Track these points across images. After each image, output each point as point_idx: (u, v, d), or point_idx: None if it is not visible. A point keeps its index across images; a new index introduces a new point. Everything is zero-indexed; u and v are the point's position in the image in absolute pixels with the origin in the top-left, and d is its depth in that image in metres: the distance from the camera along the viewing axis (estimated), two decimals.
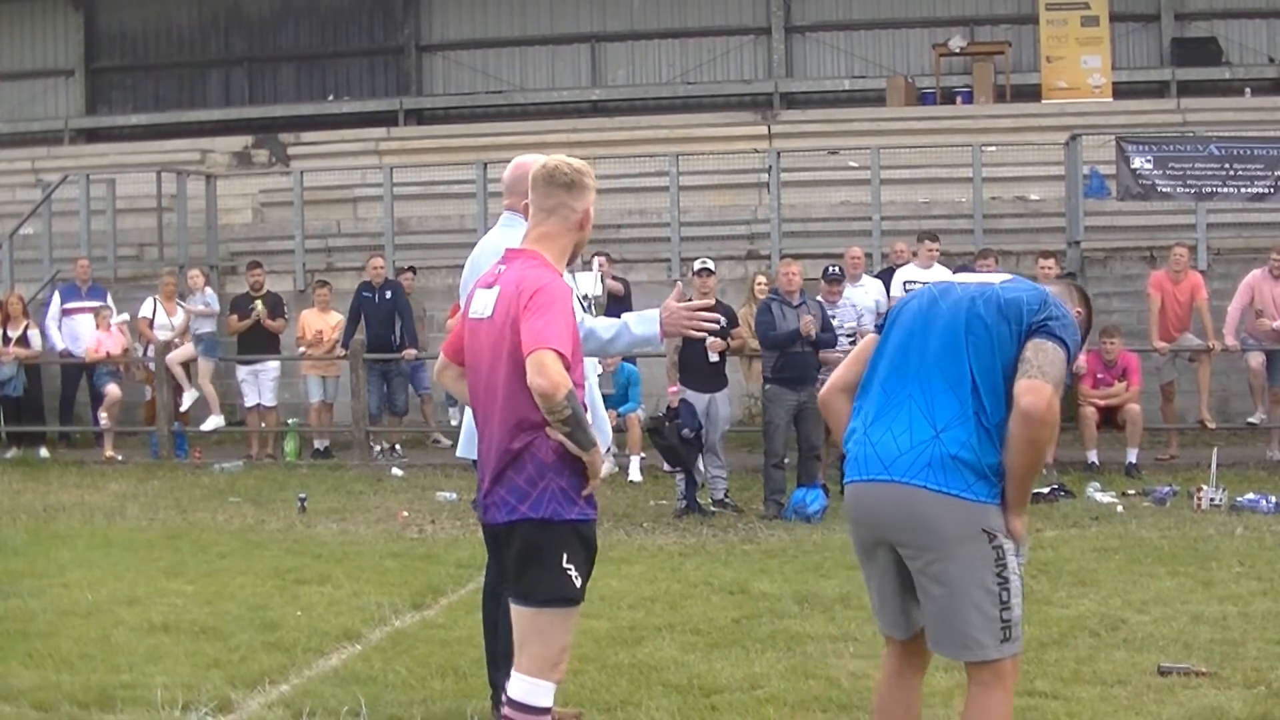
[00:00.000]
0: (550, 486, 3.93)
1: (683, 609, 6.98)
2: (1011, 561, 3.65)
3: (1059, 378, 3.63)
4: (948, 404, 3.64)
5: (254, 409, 14.24)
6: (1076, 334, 3.75)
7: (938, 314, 3.79)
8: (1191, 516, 9.67)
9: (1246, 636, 6.18)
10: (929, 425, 3.64)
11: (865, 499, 3.75)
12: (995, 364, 3.66)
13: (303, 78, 24.24)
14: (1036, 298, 3.73)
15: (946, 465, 3.59)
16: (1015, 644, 3.68)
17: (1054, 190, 15.90)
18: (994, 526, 3.62)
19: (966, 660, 3.71)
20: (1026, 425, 3.56)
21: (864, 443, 3.76)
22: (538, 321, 3.85)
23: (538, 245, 4.11)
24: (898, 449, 3.65)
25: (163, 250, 17.07)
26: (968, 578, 3.60)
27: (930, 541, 3.62)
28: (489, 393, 4.05)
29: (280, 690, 5.60)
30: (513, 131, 19.71)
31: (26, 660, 6.02)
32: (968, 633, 3.62)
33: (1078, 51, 20.63)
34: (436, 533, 9.67)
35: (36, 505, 10.99)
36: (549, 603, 3.96)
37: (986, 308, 3.72)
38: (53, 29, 24.76)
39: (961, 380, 3.65)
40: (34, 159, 21.29)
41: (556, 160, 4.19)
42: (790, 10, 22.72)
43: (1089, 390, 11.95)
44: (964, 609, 3.61)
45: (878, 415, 3.77)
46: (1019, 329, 3.67)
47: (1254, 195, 14.11)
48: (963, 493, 3.58)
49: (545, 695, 3.95)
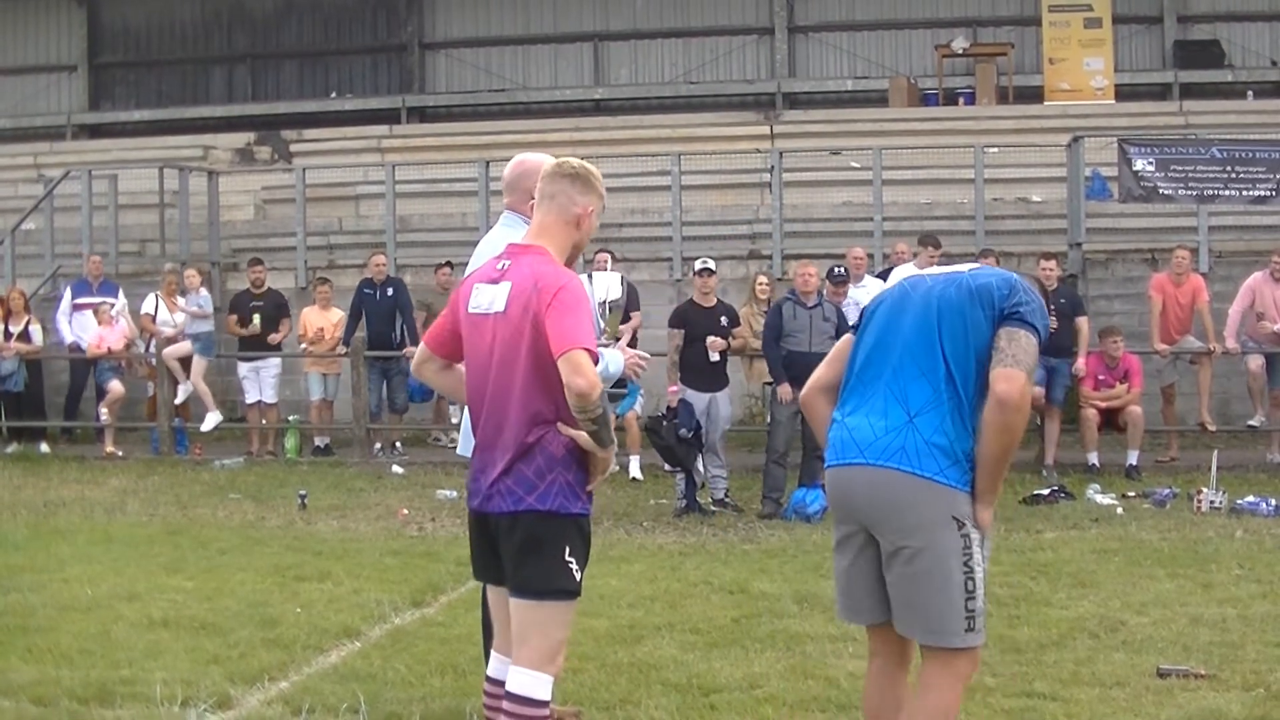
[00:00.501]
0: (558, 480, 3.96)
1: (682, 608, 6.99)
2: (977, 552, 3.70)
3: (1032, 365, 3.70)
4: (921, 390, 3.71)
5: (255, 406, 14.24)
6: (1045, 318, 3.80)
7: (910, 304, 3.86)
8: (1191, 519, 9.68)
9: (1246, 639, 6.18)
10: (903, 410, 3.71)
11: (842, 482, 3.84)
12: (969, 350, 3.72)
13: (305, 75, 24.24)
14: (1005, 283, 3.79)
15: (920, 449, 3.66)
16: (979, 635, 3.74)
17: (1056, 192, 15.90)
18: (963, 514, 3.69)
19: (930, 644, 3.75)
20: (1002, 411, 3.62)
21: (841, 428, 3.85)
22: (568, 320, 3.85)
23: (540, 239, 4.10)
24: (873, 433, 3.73)
25: (165, 246, 17.07)
26: (936, 563, 3.65)
27: (903, 524, 3.68)
28: (500, 387, 4.02)
29: (280, 687, 5.61)
30: (515, 130, 19.73)
31: (26, 655, 6.02)
32: (933, 617, 3.68)
33: (1080, 53, 20.63)
34: (437, 530, 9.68)
35: (37, 500, 10.99)
36: (550, 594, 3.98)
37: (959, 294, 3.78)
38: (56, 24, 24.76)
39: (935, 367, 3.72)
40: (36, 154, 21.30)
41: (571, 159, 4.23)
42: (793, 10, 22.71)
43: (1090, 392, 11.95)
44: (931, 594, 3.66)
45: (855, 403, 3.85)
46: (991, 314, 3.74)
47: (1256, 198, 14.11)
48: (935, 476, 3.65)
49: (544, 688, 3.97)
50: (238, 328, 14.28)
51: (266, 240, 17.31)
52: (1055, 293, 12.13)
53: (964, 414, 3.70)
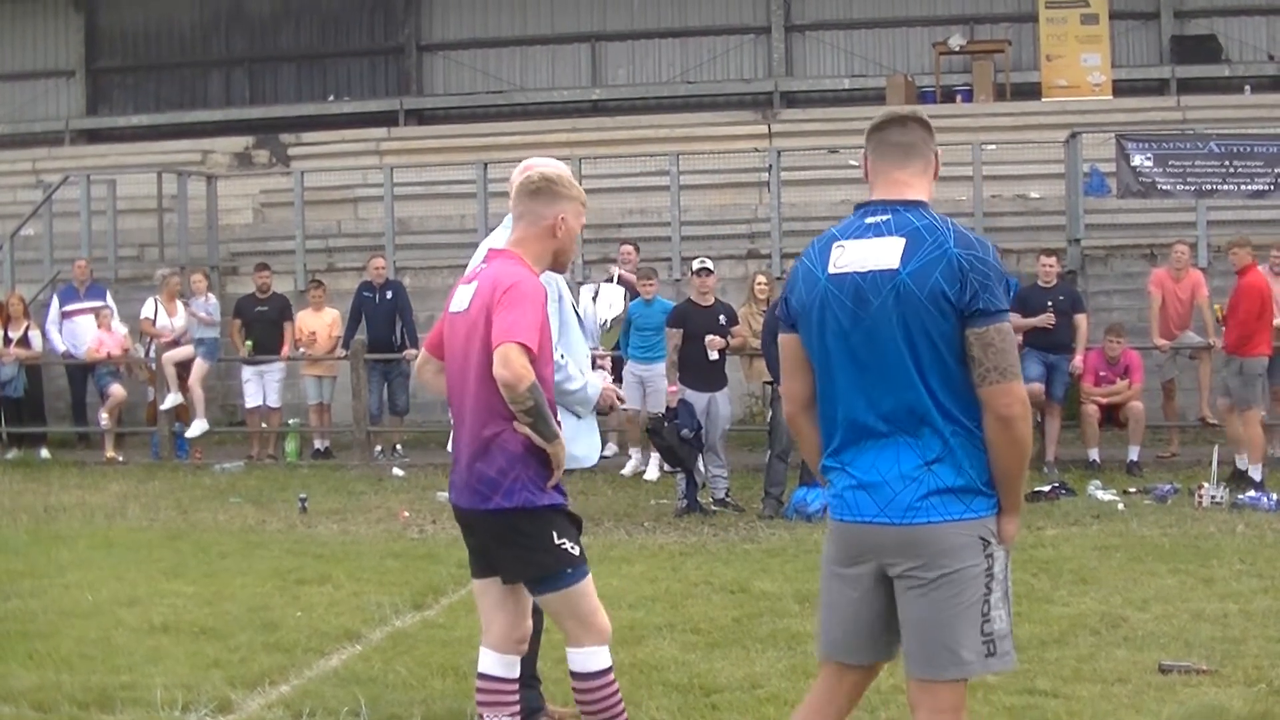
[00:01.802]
0: (520, 477, 4.08)
1: (683, 608, 6.98)
2: (999, 571, 3.45)
3: (1015, 362, 3.41)
4: (927, 436, 3.41)
5: (256, 410, 14.23)
6: (1002, 276, 3.43)
7: (868, 333, 3.45)
8: (1192, 514, 9.67)
9: (1247, 634, 6.17)
10: (916, 459, 3.42)
11: (859, 539, 3.51)
12: (950, 364, 3.40)
13: (303, 78, 24.25)
14: (949, 274, 3.35)
15: (944, 495, 3.40)
16: (1002, 659, 3.46)
17: (1054, 188, 15.90)
18: (990, 532, 3.46)
19: (949, 678, 3.44)
20: (1005, 429, 3.40)
21: (847, 481, 3.52)
22: (508, 316, 4.00)
23: (516, 247, 4.29)
24: (890, 490, 3.43)
25: (163, 251, 17.07)
26: (957, 590, 3.39)
27: (931, 561, 3.41)
28: (463, 383, 4.20)
29: (280, 691, 5.60)
30: (513, 131, 19.72)
31: (26, 661, 6.02)
32: (953, 648, 3.40)
33: (1077, 49, 20.64)
34: (437, 533, 9.66)
35: (37, 506, 10.98)
36: (557, 578, 4.13)
37: (915, 311, 3.38)
38: (54, 29, 24.77)
39: (927, 408, 3.40)
40: (35, 159, 21.32)
41: (536, 170, 4.37)
42: (790, 9, 22.71)
43: (1091, 388, 11.95)
44: (951, 622, 3.40)
45: (855, 450, 3.51)
46: (953, 318, 3.36)
47: (1254, 192, 14.09)
48: (963, 515, 3.41)
49: (598, 659, 4.20)
50: (239, 341, 14.24)
51: (265, 244, 17.31)
52: (1054, 289, 12.16)
53: (969, 435, 3.43)
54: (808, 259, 3.62)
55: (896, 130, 3.59)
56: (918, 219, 3.48)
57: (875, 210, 3.54)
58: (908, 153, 3.58)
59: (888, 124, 3.62)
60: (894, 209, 3.51)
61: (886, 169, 3.57)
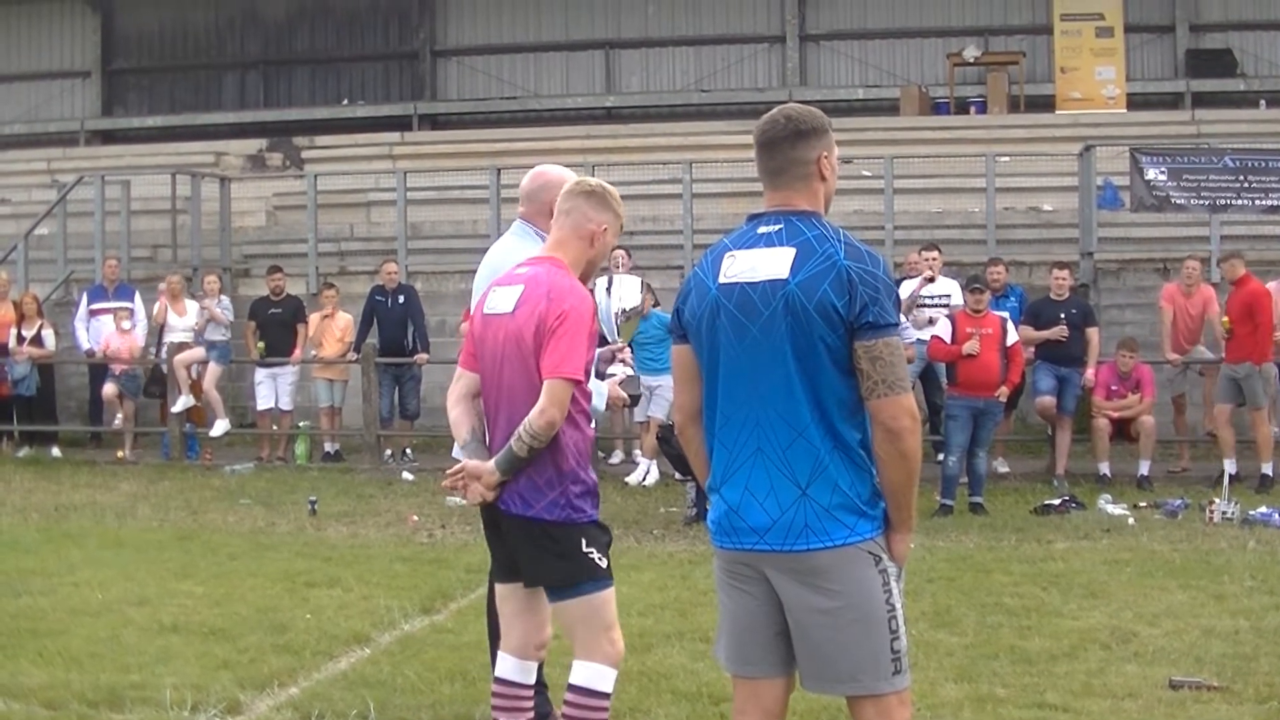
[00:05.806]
0: (567, 492, 4.05)
1: (692, 616, 6.97)
2: (895, 587, 3.37)
3: (904, 374, 3.35)
4: (803, 454, 3.33)
5: (267, 412, 14.26)
6: (891, 289, 3.37)
7: (754, 344, 3.38)
8: (1203, 529, 9.64)
9: (1259, 651, 6.15)
10: (791, 484, 3.33)
11: (742, 566, 3.46)
12: (836, 379, 3.33)
13: (318, 81, 24.34)
14: (838, 286, 3.30)
15: (823, 518, 3.31)
16: (905, 676, 3.38)
17: (1068, 201, 15.87)
18: (879, 549, 3.37)
19: (851, 694, 3.38)
20: (894, 441, 3.31)
21: (723, 507, 3.45)
22: (564, 345, 3.97)
23: (557, 250, 4.22)
24: (767, 517, 3.35)
25: (176, 252, 17.13)
26: (854, 604, 3.32)
27: (817, 583, 3.33)
28: (511, 385, 4.11)
29: (289, 693, 5.61)
30: (527, 137, 19.78)
31: (36, 659, 6.04)
32: (854, 664, 3.33)
33: (1092, 62, 20.64)
34: (446, 537, 9.67)
35: (48, 504, 11.02)
36: (579, 586, 4.08)
37: (803, 322, 3.32)
38: (70, 30, 24.90)
39: (806, 424, 3.33)
40: (50, 160, 21.41)
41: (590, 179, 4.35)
42: (805, 19, 22.75)
43: (1103, 402, 11.92)
44: (849, 638, 3.32)
45: (731, 474, 3.43)
46: (843, 327, 3.31)
47: (1268, 207, 14.05)
48: (848, 539, 3.33)
49: (605, 680, 4.12)
50: (253, 342, 14.27)
51: (278, 246, 17.35)
52: (1067, 302, 12.14)
53: (853, 455, 3.34)
54: (700, 269, 3.59)
55: (764, 156, 3.53)
56: (809, 229, 3.46)
57: (769, 220, 3.51)
58: (779, 174, 3.53)
59: (759, 147, 3.56)
60: (787, 219, 3.49)
61: (769, 183, 3.55)
